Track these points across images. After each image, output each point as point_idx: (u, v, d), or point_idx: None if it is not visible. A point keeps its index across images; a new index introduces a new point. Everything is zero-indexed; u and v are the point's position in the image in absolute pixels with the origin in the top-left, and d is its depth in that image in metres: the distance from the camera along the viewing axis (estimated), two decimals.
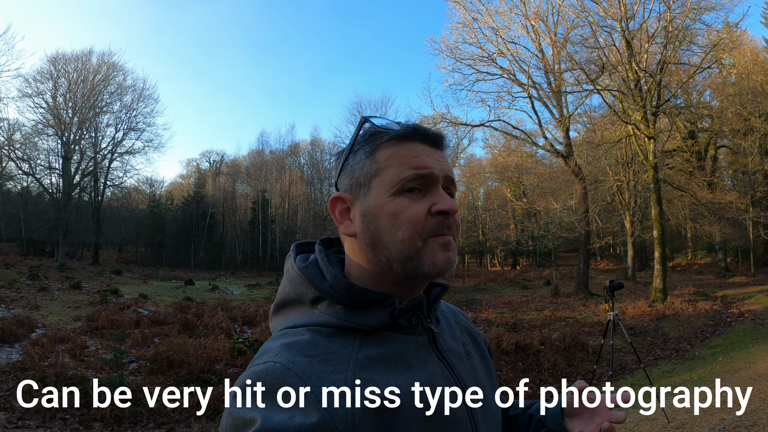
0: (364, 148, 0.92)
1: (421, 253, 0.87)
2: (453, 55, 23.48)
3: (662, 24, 18.81)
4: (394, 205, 0.87)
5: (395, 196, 0.88)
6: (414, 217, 0.86)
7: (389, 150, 0.90)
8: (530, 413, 1.19)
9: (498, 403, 1.08)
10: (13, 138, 37.56)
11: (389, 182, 0.88)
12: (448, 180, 0.92)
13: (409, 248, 0.86)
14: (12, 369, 7.56)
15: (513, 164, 37.82)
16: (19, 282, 19.68)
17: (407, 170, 0.88)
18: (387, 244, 0.87)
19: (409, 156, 0.89)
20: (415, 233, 0.86)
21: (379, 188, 0.89)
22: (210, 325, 12.14)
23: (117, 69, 40.63)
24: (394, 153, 0.90)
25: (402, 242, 0.86)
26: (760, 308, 15.12)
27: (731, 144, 33.40)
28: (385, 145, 0.90)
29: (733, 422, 5.32)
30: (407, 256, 0.87)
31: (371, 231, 0.89)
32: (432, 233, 0.87)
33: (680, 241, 44.58)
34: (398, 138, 0.90)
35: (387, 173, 0.89)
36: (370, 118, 0.93)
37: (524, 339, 10.12)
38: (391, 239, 0.87)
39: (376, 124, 0.92)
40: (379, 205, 0.88)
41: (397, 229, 0.87)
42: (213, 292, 23.74)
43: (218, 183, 64.02)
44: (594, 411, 1.08)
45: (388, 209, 0.87)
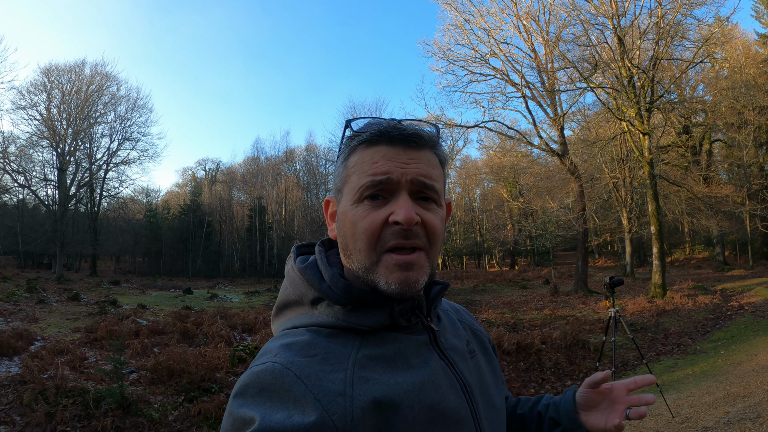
0: (343, 153, 0.92)
1: (376, 268, 0.84)
2: (446, 56, 23.53)
3: (654, 20, 18.88)
4: (353, 213, 0.86)
5: (356, 204, 0.86)
6: (369, 227, 0.84)
7: (357, 155, 0.89)
8: (539, 411, 1.16)
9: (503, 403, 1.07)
10: (8, 150, 37.44)
11: (352, 189, 0.87)
12: (417, 184, 0.86)
13: (366, 260, 0.85)
14: (11, 382, 7.51)
15: (509, 164, 37.98)
16: (17, 295, 19.59)
17: (364, 177, 0.85)
18: (351, 252, 0.87)
19: (369, 162, 0.86)
20: (370, 245, 0.84)
21: (347, 195, 0.89)
22: (209, 334, 12.10)
23: (110, 79, 40.64)
24: (359, 158, 0.88)
25: (360, 252, 0.85)
26: (759, 300, 15.15)
27: (726, 138, 33.54)
28: (356, 150, 0.89)
29: (738, 415, 5.31)
30: (365, 267, 0.85)
31: (342, 237, 0.89)
32: (387, 247, 0.83)
33: (678, 236, 44.73)
34: (366, 142, 0.88)
35: (351, 180, 0.88)
36: (351, 122, 0.92)
37: (525, 338, 10.11)
38: (353, 248, 0.86)
39: (353, 128, 0.91)
40: (344, 213, 0.88)
41: (356, 238, 0.85)
42: (212, 301, 23.68)
43: (214, 191, 64.01)
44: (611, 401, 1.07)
45: (349, 217, 0.86)
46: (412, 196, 0.86)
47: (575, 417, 1.08)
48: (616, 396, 1.06)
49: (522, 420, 1.17)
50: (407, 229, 0.82)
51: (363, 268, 0.85)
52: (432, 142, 0.90)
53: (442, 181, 0.92)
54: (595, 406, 1.07)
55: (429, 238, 0.86)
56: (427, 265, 0.86)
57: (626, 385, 1.06)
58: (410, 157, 0.87)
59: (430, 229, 0.86)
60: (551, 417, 1.12)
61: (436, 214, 0.88)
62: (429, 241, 0.86)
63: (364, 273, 0.85)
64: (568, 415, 1.08)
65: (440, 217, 0.89)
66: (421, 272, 0.85)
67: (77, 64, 39.44)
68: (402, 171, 0.85)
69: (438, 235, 0.87)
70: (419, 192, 0.87)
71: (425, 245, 0.85)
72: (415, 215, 0.83)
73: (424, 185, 0.86)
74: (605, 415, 1.05)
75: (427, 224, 0.85)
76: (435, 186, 0.88)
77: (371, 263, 0.84)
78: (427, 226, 0.86)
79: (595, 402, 1.07)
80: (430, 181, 0.87)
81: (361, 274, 0.86)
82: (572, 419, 1.08)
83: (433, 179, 0.88)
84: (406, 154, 0.87)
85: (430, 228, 0.86)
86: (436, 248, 0.88)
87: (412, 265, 0.83)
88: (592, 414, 1.07)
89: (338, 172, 0.92)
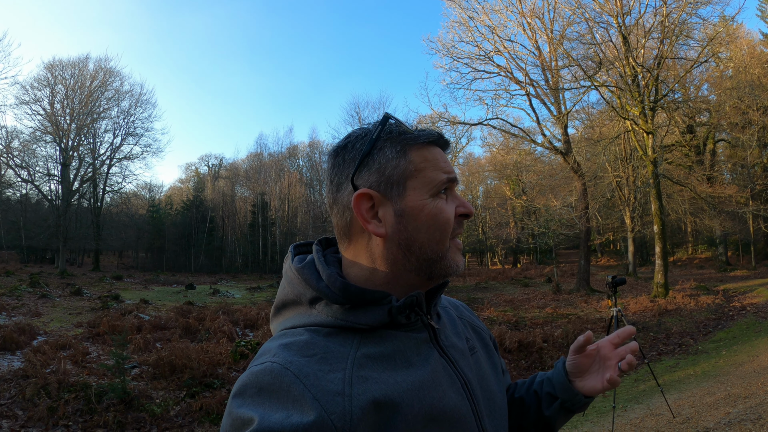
0: (392, 147, 0.90)
1: (447, 254, 0.91)
2: (450, 54, 23.50)
3: (658, 19, 18.81)
4: (433, 206, 0.89)
5: (434, 198, 0.90)
6: (449, 219, 0.90)
7: (421, 152, 0.91)
8: (534, 390, 1.17)
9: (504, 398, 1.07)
10: (12, 145, 37.54)
11: (427, 184, 0.90)
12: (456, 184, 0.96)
13: (442, 249, 0.90)
14: (14, 376, 7.55)
15: (512, 162, 37.84)
16: (19, 289, 19.64)
17: (441, 174, 0.91)
18: (422, 245, 0.89)
19: (440, 160, 0.93)
20: (447, 235, 0.90)
21: (417, 189, 0.89)
22: (212, 329, 12.13)
23: (114, 74, 40.61)
24: (427, 156, 0.92)
25: (438, 243, 0.89)
26: (762, 301, 15.12)
27: (730, 137, 33.40)
28: (417, 147, 0.91)
29: (739, 416, 5.31)
30: (439, 256, 0.90)
31: (407, 231, 0.89)
32: (453, 235, 0.92)
33: (681, 236, 44.59)
34: (428, 142, 0.93)
35: (424, 175, 0.90)
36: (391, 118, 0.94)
37: (527, 337, 10.12)
38: (427, 240, 0.89)
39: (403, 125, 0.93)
40: (419, 207, 0.89)
41: (435, 230, 0.89)
42: (214, 296, 23.71)
43: (217, 187, 64.05)
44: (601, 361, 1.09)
45: (428, 210, 0.89)
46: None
47: (570, 386, 1.09)
48: (604, 354, 1.09)
49: (521, 403, 1.17)
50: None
51: (437, 257, 0.90)
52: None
53: None
54: (587, 370, 1.09)
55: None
56: None
57: (610, 340, 1.09)
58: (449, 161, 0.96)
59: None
60: (548, 392, 1.13)
61: None
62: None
63: (437, 261, 0.90)
64: (563, 386, 1.09)
65: None
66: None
67: (81, 59, 39.50)
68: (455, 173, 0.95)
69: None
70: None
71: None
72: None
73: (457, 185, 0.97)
74: (600, 376, 1.07)
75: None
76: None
77: (444, 251, 0.90)
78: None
79: (585, 366, 1.09)
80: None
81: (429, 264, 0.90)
82: (568, 389, 1.09)
83: None
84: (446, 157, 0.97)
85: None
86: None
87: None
88: (587, 379, 1.09)
89: (394, 164, 0.89)
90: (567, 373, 1.10)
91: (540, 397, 1.14)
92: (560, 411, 1.10)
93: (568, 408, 1.10)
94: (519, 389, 1.21)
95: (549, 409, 1.11)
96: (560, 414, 1.11)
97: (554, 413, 1.11)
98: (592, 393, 1.08)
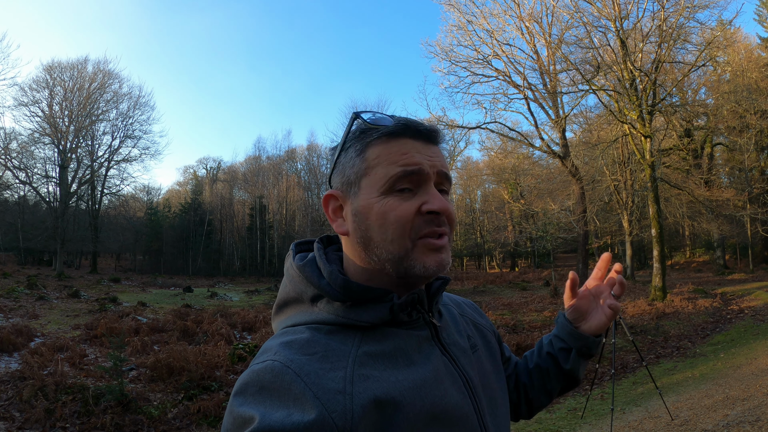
0: (354, 146, 0.91)
1: (411, 254, 0.85)
2: (448, 57, 23.60)
3: (656, 23, 18.87)
4: (382, 204, 0.86)
5: (384, 196, 0.86)
6: (402, 217, 0.85)
7: (379, 147, 0.88)
8: (547, 351, 1.20)
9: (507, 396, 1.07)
10: (10, 147, 37.47)
11: (378, 181, 0.87)
12: (441, 176, 0.90)
13: (399, 249, 0.85)
14: (11, 378, 7.52)
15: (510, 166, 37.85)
16: (17, 291, 19.61)
17: (395, 168, 0.86)
18: (377, 244, 0.86)
19: (398, 153, 0.87)
20: (404, 234, 0.85)
21: (369, 187, 0.88)
22: (209, 332, 12.11)
23: (113, 77, 40.67)
24: (384, 150, 0.88)
25: (391, 243, 0.85)
26: (759, 304, 15.13)
27: (727, 141, 33.49)
28: (375, 143, 0.89)
29: (737, 418, 5.31)
30: (397, 257, 0.85)
31: (362, 230, 0.88)
32: (421, 234, 0.85)
33: (678, 240, 44.69)
34: (388, 134, 0.88)
35: (376, 172, 0.87)
36: (361, 114, 0.91)
37: (525, 340, 10.12)
38: (381, 239, 0.86)
39: (367, 120, 0.90)
40: (369, 205, 0.87)
41: (385, 229, 0.85)
42: (212, 299, 23.69)
43: (215, 190, 64.02)
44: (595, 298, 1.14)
45: (377, 209, 0.86)
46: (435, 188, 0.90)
47: (578, 332, 1.13)
48: (596, 291, 1.14)
49: (539, 370, 1.21)
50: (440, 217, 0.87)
51: (395, 258, 0.86)
52: (443, 138, 0.95)
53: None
54: (586, 311, 1.13)
55: (450, 225, 0.90)
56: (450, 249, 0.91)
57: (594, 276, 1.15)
58: (432, 151, 0.90)
59: (450, 217, 0.89)
60: (560, 348, 1.17)
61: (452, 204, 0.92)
62: (450, 228, 0.90)
63: (396, 262, 0.86)
64: (572, 334, 1.14)
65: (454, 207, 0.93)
66: (449, 255, 0.89)
67: (80, 61, 39.57)
68: (430, 163, 0.88)
69: (455, 222, 0.92)
70: (440, 184, 0.91)
71: (448, 232, 0.90)
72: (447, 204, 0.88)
73: (446, 177, 0.91)
74: (600, 311, 1.13)
75: (449, 213, 0.89)
76: (451, 179, 0.93)
77: (405, 251, 0.85)
78: (449, 215, 0.89)
79: (584, 308, 1.13)
80: (449, 173, 0.93)
81: (391, 264, 0.86)
82: (577, 336, 1.13)
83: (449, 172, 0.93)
84: (428, 147, 0.90)
85: (451, 216, 0.90)
86: (452, 235, 0.93)
87: (444, 247, 0.87)
88: (590, 319, 1.13)
89: (351, 164, 0.90)
90: (570, 322, 1.15)
91: (554, 355, 1.18)
92: (578, 359, 1.15)
93: (584, 353, 1.14)
94: (530, 360, 1.24)
95: (567, 362, 1.16)
96: (579, 362, 1.16)
97: (574, 363, 1.15)
98: (600, 329, 1.13)
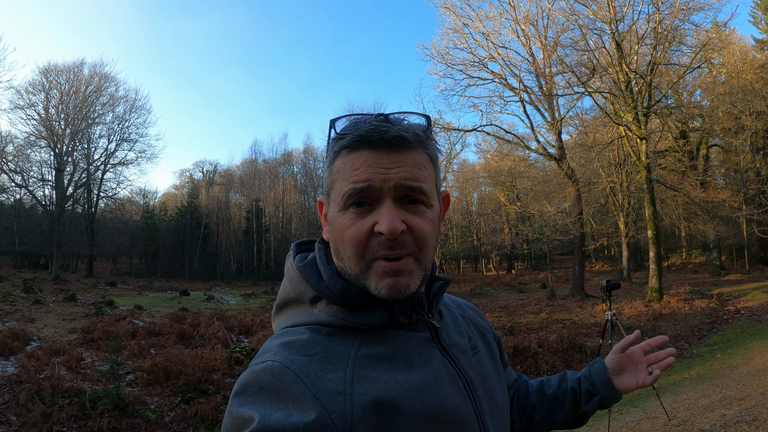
0: (329, 155, 0.89)
1: (367, 274, 0.83)
2: (444, 60, 23.57)
3: (651, 25, 18.96)
4: (340, 221, 0.84)
5: (343, 211, 0.84)
6: (354, 237, 0.82)
7: (341, 160, 0.86)
8: (571, 387, 1.24)
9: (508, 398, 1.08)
10: (6, 150, 37.34)
11: (337, 196, 0.85)
12: (402, 189, 0.82)
13: (356, 267, 0.83)
14: (8, 382, 7.49)
15: (506, 168, 38.00)
16: (13, 295, 19.52)
17: (347, 184, 0.83)
18: (342, 257, 0.86)
19: (351, 168, 0.83)
20: (358, 254, 0.82)
21: (334, 201, 0.87)
22: (206, 335, 12.08)
23: (109, 80, 40.61)
24: (343, 164, 0.85)
25: (350, 259, 0.84)
26: (756, 305, 15.17)
27: (723, 143, 33.68)
28: (339, 155, 0.86)
29: (734, 418, 5.33)
30: (356, 274, 0.84)
31: (332, 242, 0.89)
32: (375, 256, 0.82)
33: (675, 241, 44.79)
34: (347, 148, 0.85)
35: (336, 186, 0.86)
36: (336, 121, 0.89)
37: (522, 342, 10.11)
38: (344, 254, 0.85)
39: (337, 129, 0.88)
40: (332, 219, 0.87)
41: (344, 246, 0.84)
42: (209, 303, 23.64)
43: (212, 193, 63.95)
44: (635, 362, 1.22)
45: (338, 225, 0.85)
46: (398, 201, 0.83)
47: (611, 384, 1.19)
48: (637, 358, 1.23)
49: (553, 399, 1.24)
50: (392, 239, 0.80)
51: (354, 274, 0.84)
52: (418, 140, 0.86)
53: (432, 179, 0.88)
54: (624, 369, 1.21)
55: (418, 243, 0.83)
56: (418, 269, 0.84)
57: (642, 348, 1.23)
58: (392, 161, 0.83)
59: (417, 234, 0.83)
60: (587, 389, 1.21)
61: (425, 216, 0.85)
62: (418, 246, 0.83)
63: (356, 278, 0.84)
64: (605, 383, 1.20)
65: (430, 219, 0.86)
66: (411, 277, 0.83)
67: (76, 64, 39.48)
68: (384, 177, 0.82)
69: (427, 239, 0.84)
70: (405, 196, 0.83)
71: (413, 251, 0.83)
72: (399, 225, 0.80)
73: (410, 188, 0.83)
74: (633, 376, 1.20)
75: (414, 230, 0.83)
76: (422, 188, 0.84)
77: (361, 270, 0.83)
78: (415, 232, 0.83)
79: (624, 365, 1.22)
80: (417, 183, 0.83)
81: (352, 279, 0.85)
82: (609, 386, 1.19)
83: (419, 180, 0.84)
84: (389, 158, 0.83)
85: (418, 233, 0.83)
86: (428, 250, 0.85)
87: (401, 271, 0.82)
88: (623, 377, 1.20)
89: (325, 176, 0.90)
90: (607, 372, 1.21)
91: (578, 394, 1.23)
92: (597, 406, 1.21)
93: (605, 404, 1.21)
94: (549, 386, 1.27)
95: (588, 404, 1.21)
96: (595, 408, 1.22)
97: (592, 408, 1.21)
98: (627, 390, 1.20)
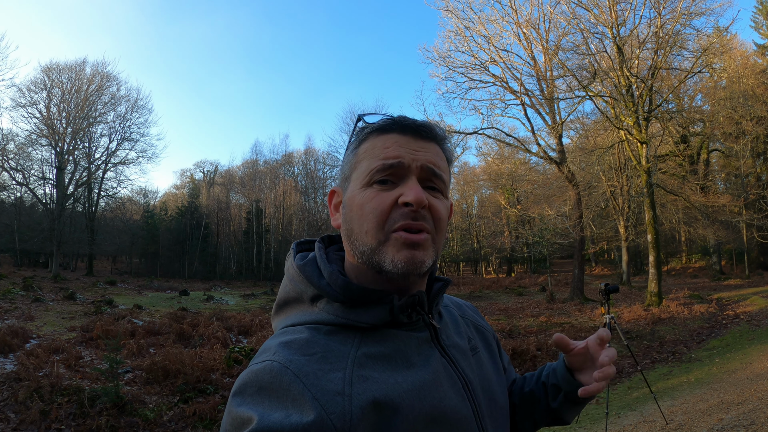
0: (354, 143, 0.94)
1: (383, 248, 0.85)
2: (446, 63, 23.58)
3: (653, 30, 18.98)
4: (362, 196, 0.87)
5: (365, 188, 0.88)
6: (377, 207, 0.85)
7: (369, 142, 0.91)
8: (543, 381, 1.16)
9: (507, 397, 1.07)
10: (7, 148, 37.30)
11: (362, 174, 0.89)
12: (427, 171, 0.88)
13: (373, 240, 0.85)
14: (7, 379, 7.50)
15: (506, 171, 38.03)
16: (13, 293, 19.53)
17: (376, 161, 0.88)
18: (356, 236, 0.88)
19: (381, 147, 0.89)
20: (379, 225, 0.85)
21: (356, 180, 0.90)
22: (205, 335, 12.08)
23: (111, 79, 40.52)
24: (371, 145, 0.90)
25: (366, 234, 0.86)
26: (755, 310, 15.16)
27: (723, 147, 33.67)
28: (367, 138, 0.92)
29: (732, 422, 5.33)
30: (371, 248, 0.85)
31: (347, 222, 0.90)
32: (396, 227, 0.84)
33: (674, 245, 44.72)
34: (378, 130, 0.91)
35: (362, 165, 0.90)
36: (364, 116, 0.94)
37: (521, 345, 10.12)
38: (359, 231, 0.87)
39: (366, 120, 0.93)
40: (352, 197, 0.90)
41: (363, 220, 0.86)
42: (208, 303, 23.62)
43: (212, 193, 63.91)
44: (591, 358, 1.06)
45: (358, 200, 0.88)
46: (421, 184, 0.88)
47: (571, 378, 1.07)
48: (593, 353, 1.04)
49: (531, 396, 1.16)
50: (416, 210, 0.84)
51: (368, 250, 0.85)
52: (441, 136, 0.93)
53: (448, 176, 0.94)
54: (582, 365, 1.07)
55: (435, 223, 0.87)
56: (432, 249, 0.87)
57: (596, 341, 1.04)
58: (420, 146, 0.89)
59: (436, 214, 0.87)
60: (553, 384, 1.12)
61: (443, 202, 0.90)
62: (435, 226, 0.87)
63: (369, 254, 0.85)
64: (565, 378, 1.08)
65: (446, 207, 0.91)
66: (427, 254, 0.85)
67: (78, 63, 39.40)
68: (412, 157, 0.88)
69: (443, 221, 0.89)
70: (427, 180, 0.89)
71: (432, 230, 0.87)
72: (426, 197, 0.85)
73: (433, 173, 0.89)
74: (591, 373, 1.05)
75: (433, 209, 0.87)
76: (443, 176, 0.91)
77: (378, 243, 0.84)
78: (434, 212, 0.87)
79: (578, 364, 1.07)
80: (439, 170, 0.90)
81: (365, 258, 0.86)
82: (570, 381, 1.07)
83: (441, 169, 0.91)
84: (416, 142, 0.89)
85: (437, 213, 0.87)
86: (441, 236, 0.89)
87: (420, 244, 0.84)
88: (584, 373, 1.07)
89: (347, 160, 0.94)
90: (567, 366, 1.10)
91: (547, 388, 1.14)
92: (566, 403, 1.10)
93: (572, 400, 1.08)
94: (529, 382, 1.20)
95: (555, 401, 1.11)
96: (566, 406, 1.10)
97: (560, 405, 1.10)
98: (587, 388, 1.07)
